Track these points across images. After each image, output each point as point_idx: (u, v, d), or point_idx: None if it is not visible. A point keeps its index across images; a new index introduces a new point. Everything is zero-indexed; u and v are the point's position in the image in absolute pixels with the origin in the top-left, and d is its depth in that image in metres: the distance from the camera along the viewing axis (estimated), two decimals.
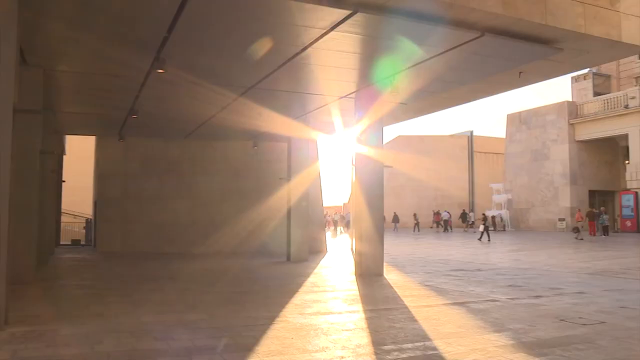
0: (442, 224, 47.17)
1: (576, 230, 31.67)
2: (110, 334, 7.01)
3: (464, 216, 46.87)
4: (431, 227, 49.52)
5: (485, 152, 57.03)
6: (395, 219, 47.60)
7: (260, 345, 6.53)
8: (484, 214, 37.21)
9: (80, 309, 9.07)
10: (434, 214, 49.70)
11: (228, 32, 9.93)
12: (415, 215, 47.46)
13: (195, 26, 9.56)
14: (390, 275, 14.14)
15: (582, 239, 29.67)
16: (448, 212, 47.23)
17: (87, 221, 27.52)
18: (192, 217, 22.32)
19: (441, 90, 14.64)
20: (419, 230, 45.46)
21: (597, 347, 6.43)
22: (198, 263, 17.50)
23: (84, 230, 27.70)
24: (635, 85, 42.40)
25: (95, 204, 23.69)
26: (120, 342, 6.60)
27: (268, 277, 14.51)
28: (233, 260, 18.41)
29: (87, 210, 28.97)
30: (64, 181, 23.35)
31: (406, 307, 9.31)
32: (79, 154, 28.70)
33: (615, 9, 10.89)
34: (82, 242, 25.79)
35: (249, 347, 6.38)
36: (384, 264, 14.67)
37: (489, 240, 30.00)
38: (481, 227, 31.82)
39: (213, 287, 12.27)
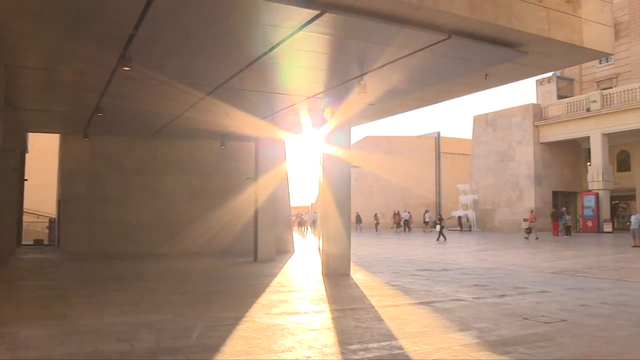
0: (402, 224, 47.69)
1: (528, 231, 32.66)
2: (73, 335, 6.90)
3: (441, 219, 47.20)
4: (392, 228, 49.94)
5: (452, 153, 57.71)
6: (358, 219, 47.95)
7: (226, 345, 6.50)
8: (439, 215, 37.90)
9: (42, 311, 8.91)
10: (394, 214, 50.17)
11: (195, 30, 9.84)
12: (375, 215, 47.95)
13: (162, 23, 9.44)
14: (357, 275, 14.20)
15: (537, 238, 30.78)
16: (408, 213, 47.74)
17: (51, 221, 27.00)
18: (158, 216, 22.07)
19: (409, 91, 14.74)
20: (377, 230, 46.09)
21: (558, 344, 6.56)
22: (164, 263, 17.33)
23: (47, 230, 27.19)
24: (597, 89, 43.38)
25: (59, 203, 23.28)
26: (82, 344, 6.50)
27: (234, 277, 14.43)
28: (199, 260, 18.27)
29: (51, 209, 28.42)
30: (26, 180, 22.86)
31: (373, 307, 9.36)
32: (43, 152, 28.18)
33: (577, 15, 11.13)
34: (45, 242, 25.31)
35: (215, 348, 6.34)
36: (351, 263, 14.74)
37: (445, 240, 31.25)
38: (437, 228, 32.86)
39: (179, 287, 12.16)
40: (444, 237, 32.13)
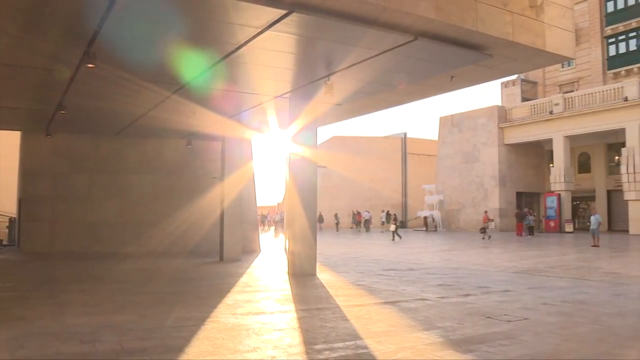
0: (363, 224, 48.13)
1: (483, 230, 33.38)
2: (33, 337, 6.76)
3: (388, 217, 47.56)
4: (351, 227, 50.24)
5: (419, 154, 58.20)
6: (320, 219, 48.08)
7: (190, 346, 6.45)
8: (394, 215, 38.38)
9: (0, 313, 8.69)
10: (354, 214, 50.52)
11: (161, 28, 9.73)
12: (336, 215, 48.24)
13: (127, 20, 9.30)
14: (323, 274, 14.22)
15: (489, 237, 31.75)
16: (369, 212, 48.03)
17: (11, 220, 26.39)
18: (123, 216, 21.77)
19: (376, 92, 14.82)
20: (337, 230, 46.60)
21: (520, 342, 6.67)
22: (129, 263, 17.10)
23: (6, 230, 26.57)
24: (559, 93, 44.26)
25: (20, 202, 22.77)
26: (43, 346, 6.37)
27: (200, 277, 14.32)
28: (165, 260, 18.08)
29: (11, 209, 27.77)
30: None
31: (338, 307, 9.39)
32: (2, 150, 27.53)
33: (540, 19, 11.36)
34: (5, 242, 24.74)
35: (179, 349, 6.28)
36: (317, 263, 14.76)
37: (400, 238, 32.29)
38: (392, 227, 33.44)
39: (144, 287, 12.02)
40: (399, 236, 32.83)
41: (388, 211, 48.19)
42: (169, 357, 5.97)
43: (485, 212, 36.72)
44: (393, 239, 32.10)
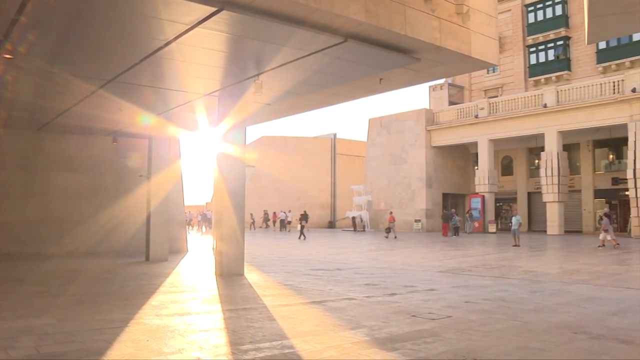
0: (279, 224, 48.69)
1: (388, 230, 34.67)
2: None
3: (305, 217, 47.76)
4: (260, 227, 50.34)
5: (348, 155, 58.74)
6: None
7: (112, 349, 6.28)
8: (301, 214, 38.96)
9: None
10: (265, 213, 50.80)
11: (86, 19, 9.41)
12: (251, 214, 48.28)
13: (48, 10, 8.94)
14: (251, 274, 14.15)
15: (395, 237, 33.12)
16: (285, 212, 48.25)
17: None
18: (44, 215, 20.87)
19: (305, 92, 14.87)
20: (252, 229, 47.12)
21: (443, 339, 6.85)
22: (51, 264, 16.48)
23: None
24: (484, 98, 45.73)
25: None
26: None
27: (125, 277, 13.96)
28: (89, 260, 17.55)
29: None
30: None
31: (265, 307, 9.36)
32: None
33: (466, 26, 11.72)
34: None
35: (101, 352, 6.11)
36: (245, 263, 14.67)
37: (304, 238, 33.25)
38: (298, 227, 34.68)
39: (65, 289, 11.60)
40: (304, 236, 34.08)
41: (305, 211, 48.43)
42: None
43: (390, 212, 37.97)
44: (300, 238, 33.40)
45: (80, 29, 9.91)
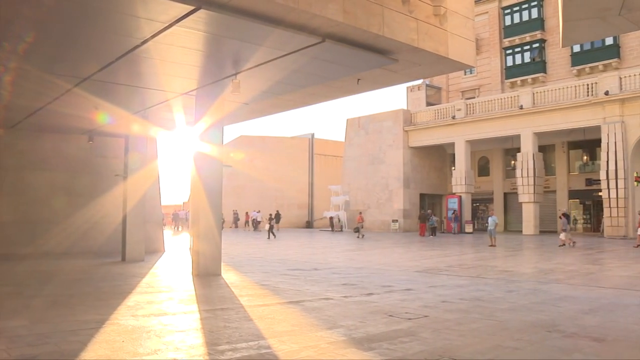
0: (252, 224, 48.65)
1: (356, 230, 35.30)
2: None
3: (277, 217, 47.72)
4: (230, 227, 50.27)
5: (325, 155, 58.73)
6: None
7: (87, 350, 6.21)
8: (270, 214, 39.12)
9: None
10: (234, 213, 50.80)
11: (60, 15, 9.27)
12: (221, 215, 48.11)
13: (21, 5, 8.79)
14: (228, 274, 14.10)
15: (363, 236, 34.05)
16: (257, 212, 48.17)
17: None
18: (18, 215, 20.46)
19: (283, 92, 14.85)
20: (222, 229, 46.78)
21: (420, 338, 6.89)
22: (24, 265, 16.26)
23: None
24: (462, 99, 46.09)
25: None
26: None
27: (100, 278, 13.81)
28: (65, 261, 17.35)
29: None
30: None
31: (242, 307, 9.34)
32: None
33: (444, 28, 11.82)
34: None
35: (75, 353, 6.04)
36: (222, 263, 14.61)
37: (274, 237, 33.94)
38: (266, 227, 35.09)
39: (39, 290, 11.44)
40: (274, 235, 34.55)
41: (277, 211, 48.43)
42: None
43: (360, 213, 38.38)
44: (269, 237, 33.78)
45: (55, 25, 9.78)
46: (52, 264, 16.77)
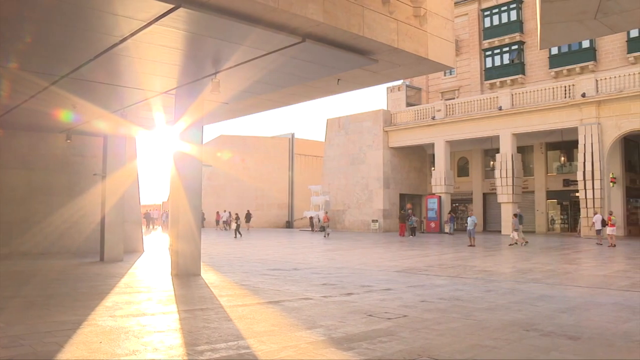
0: (222, 223, 48.78)
1: (322, 229, 36.28)
2: None
3: (248, 216, 47.69)
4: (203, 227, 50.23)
5: (306, 155, 58.77)
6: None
7: (63, 352, 6.14)
8: (237, 214, 39.37)
9: None
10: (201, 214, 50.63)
11: (37, 12, 9.15)
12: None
13: None
14: (208, 275, 14.04)
15: (328, 235, 35.65)
16: (228, 212, 48.18)
17: None
18: None
19: (263, 91, 14.82)
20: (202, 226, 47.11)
21: (399, 338, 6.92)
22: (1, 266, 16.05)
23: None
24: (441, 99, 46.37)
25: None
26: None
27: (78, 278, 13.66)
28: (42, 261, 17.15)
29: None
30: None
31: (222, 307, 9.31)
32: None
33: (424, 29, 11.88)
34: None
35: (51, 355, 5.97)
36: (202, 263, 14.54)
37: (241, 236, 35.10)
38: (233, 226, 36.00)
39: (15, 291, 11.27)
40: (240, 234, 35.61)
41: (248, 210, 48.35)
42: None
43: (326, 212, 39.30)
44: (235, 237, 34.55)
45: (31, 22, 9.65)
46: (30, 264, 16.57)
